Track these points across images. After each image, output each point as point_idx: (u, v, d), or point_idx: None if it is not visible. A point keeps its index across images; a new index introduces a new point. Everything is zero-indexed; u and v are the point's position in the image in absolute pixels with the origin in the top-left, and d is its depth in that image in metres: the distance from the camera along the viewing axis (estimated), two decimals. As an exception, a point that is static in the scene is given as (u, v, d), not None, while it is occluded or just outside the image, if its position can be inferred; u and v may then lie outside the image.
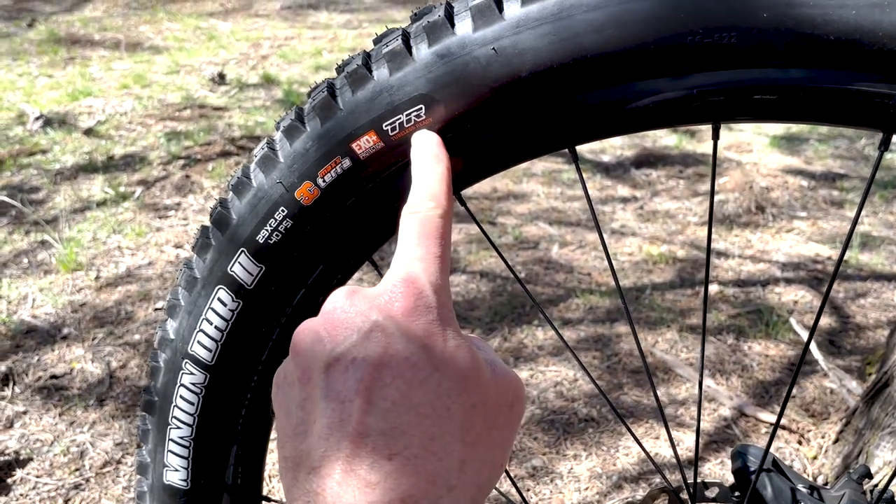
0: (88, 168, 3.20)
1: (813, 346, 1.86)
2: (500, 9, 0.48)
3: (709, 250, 0.47)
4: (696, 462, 0.52)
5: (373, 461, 0.30)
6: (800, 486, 0.60)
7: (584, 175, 3.19)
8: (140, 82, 4.37)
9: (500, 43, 0.48)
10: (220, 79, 4.41)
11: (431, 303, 0.35)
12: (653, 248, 2.52)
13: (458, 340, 0.35)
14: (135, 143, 3.47)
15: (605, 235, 2.64)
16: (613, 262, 2.45)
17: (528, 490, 1.55)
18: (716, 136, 0.52)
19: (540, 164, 3.28)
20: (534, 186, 3.06)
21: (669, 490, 0.63)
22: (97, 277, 2.37)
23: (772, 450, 1.63)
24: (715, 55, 0.45)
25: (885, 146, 0.46)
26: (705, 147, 3.44)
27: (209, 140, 3.45)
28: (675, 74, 0.46)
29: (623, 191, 3.03)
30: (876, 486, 1.19)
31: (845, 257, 2.46)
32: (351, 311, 0.35)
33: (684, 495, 0.63)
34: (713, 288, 2.26)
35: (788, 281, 2.31)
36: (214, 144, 3.40)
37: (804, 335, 1.93)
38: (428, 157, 0.45)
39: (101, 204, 2.87)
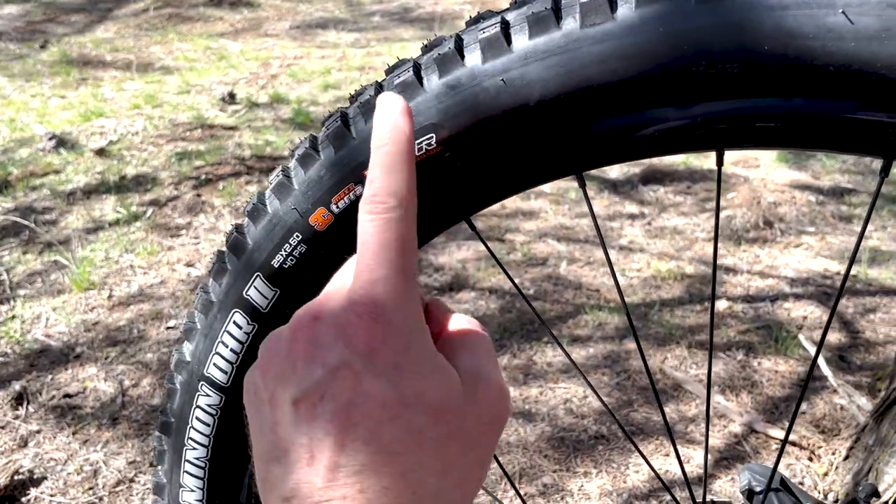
0: (100, 188, 3.24)
1: (822, 362, 1.86)
2: (509, 41, 0.49)
3: (714, 273, 0.48)
4: (704, 481, 0.53)
5: (345, 493, 0.30)
6: (808, 505, 0.61)
7: (592, 192, 3.20)
8: (151, 102, 4.41)
9: (508, 74, 0.49)
10: (230, 98, 4.45)
11: (399, 331, 0.34)
12: (661, 265, 2.53)
13: (430, 368, 0.34)
14: (146, 163, 3.51)
15: (612, 252, 2.64)
16: (621, 279, 2.45)
17: (539, 508, 1.55)
18: (720, 163, 0.53)
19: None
20: (542, 204, 3.08)
21: (679, 509, 0.64)
22: (110, 296, 2.39)
23: (783, 466, 1.63)
24: (718, 85, 0.46)
25: (885, 172, 0.47)
26: (712, 163, 3.44)
27: (220, 160, 3.48)
28: (680, 103, 0.48)
29: (631, 207, 3.03)
30: (886, 503, 1.19)
31: (854, 272, 2.46)
32: (316, 342, 0.34)
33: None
34: (722, 304, 2.27)
35: (797, 296, 2.31)
36: (225, 164, 3.43)
37: (813, 351, 1.92)
38: (389, 130, 0.37)
39: (114, 224, 2.90)
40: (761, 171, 3.34)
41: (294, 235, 0.58)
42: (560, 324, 2.20)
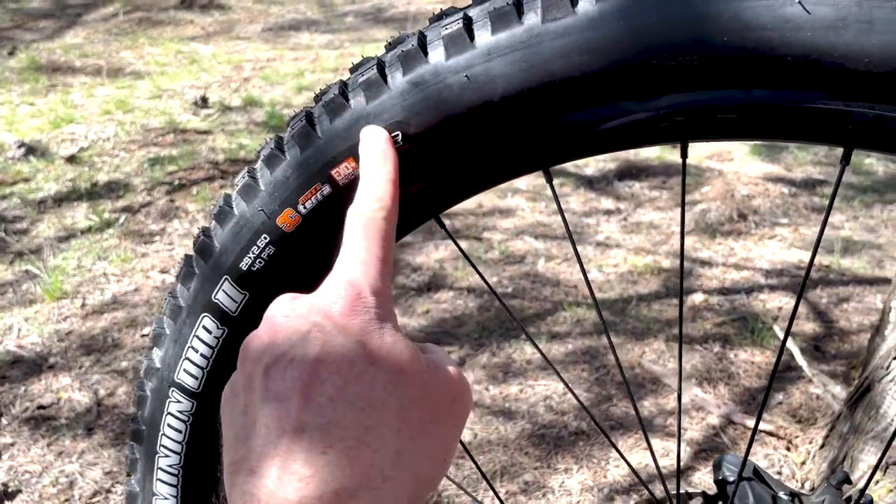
0: (72, 196, 3.19)
1: (797, 352, 1.89)
2: (472, 37, 0.49)
3: (682, 265, 0.49)
4: (678, 473, 0.53)
5: (307, 456, 0.31)
6: (781, 494, 0.61)
7: (568, 189, 3.21)
8: (122, 108, 4.36)
9: (472, 70, 0.49)
10: (203, 102, 4.41)
11: (370, 303, 0.36)
12: (638, 260, 2.54)
13: (396, 337, 0.36)
14: (118, 169, 3.47)
15: (590, 248, 2.66)
16: (598, 275, 2.47)
17: (521, 505, 1.56)
18: (684, 155, 0.53)
19: (524, 180, 3.30)
20: (518, 201, 3.08)
21: (654, 501, 0.64)
22: (83, 305, 2.36)
23: (760, 456, 1.64)
24: (679, 77, 0.46)
25: (846, 161, 0.48)
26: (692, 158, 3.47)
27: (193, 164, 3.45)
28: (642, 97, 0.48)
29: (607, 203, 3.05)
30: (861, 490, 1.20)
31: (827, 263, 2.49)
32: (291, 314, 0.36)
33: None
34: (698, 297, 2.29)
35: (772, 288, 2.33)
36: (198, 168, 3.40)
37: (789, 342, 1.95)
38: (375, 155, 0.45)
39: (86, 231, 2.86)
40: (735, 165, 3.38)
41: (262, 237, 0.57)
42: (538, 321, 2.20)
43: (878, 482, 1.20)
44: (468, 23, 0.49)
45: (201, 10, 7.38)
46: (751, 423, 1.74)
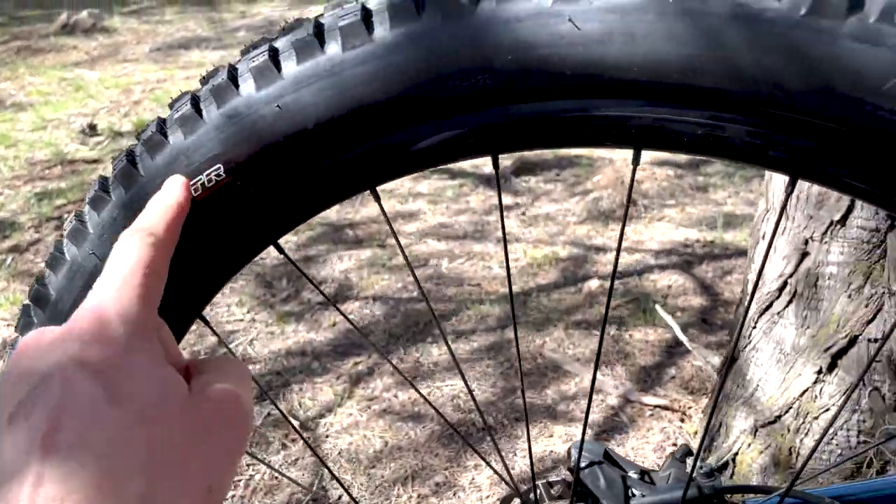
0: (-48, 239, 3.03)
1: (677, 328, 1.99)
2: (279, 68, 0.51)
3: (506, 252, 0.51)
4: (531, 461, 0.56)
5: None
6: (631, 473, 0.65)
7: (468, 188, 3.26)
8: (4, 142, 4.16)
9: (283, 100, 0.50)
10: (91, 130, 4.26)
11: (117, 334, 0.34)
12: (537, 252, 2.61)
13: (146, 369, 0.34)
14: (3, 207, 3.31)
15: (489, 245, 2.71)
16: (499, 271, 2.52)
17: (433, 506, 1.58)
18: (496, 167, 0.56)
19: (425, 182, 3.34)
20: (420, 205, 3.11)
21: (518, 494, 0.67)
22: (-29, 354, 2.25)
23: (657, 430, 1.72)
24: (475, 96, 0.49)
25: (636, 161, 0.52)
26: (579, 150, 3.58)
27: (83, 196, 3.33)
28: (445, 116, 0.50)
29: (506, 199, 3.11)
30: (735, 454, 1.28)
31: (711, 238, 2.62)
32: (34, 354, 0.34)
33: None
34: (594, 283, 2.36)
35: (662, 267, 2.44)
36: (88, 199, 3.28)
37: (669, 320, 2.05)
38: (162, 195, 0.47)
39: (-30, 275, 2.72)
40: (625, 153, 3.50)
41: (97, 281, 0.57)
42: (443, 321, 2.23)
43: (749, 444, 1.28)
44: (274, 54, 0.51)
45: (84, 35, 7.10)
46: (648, 399, 1.81)
